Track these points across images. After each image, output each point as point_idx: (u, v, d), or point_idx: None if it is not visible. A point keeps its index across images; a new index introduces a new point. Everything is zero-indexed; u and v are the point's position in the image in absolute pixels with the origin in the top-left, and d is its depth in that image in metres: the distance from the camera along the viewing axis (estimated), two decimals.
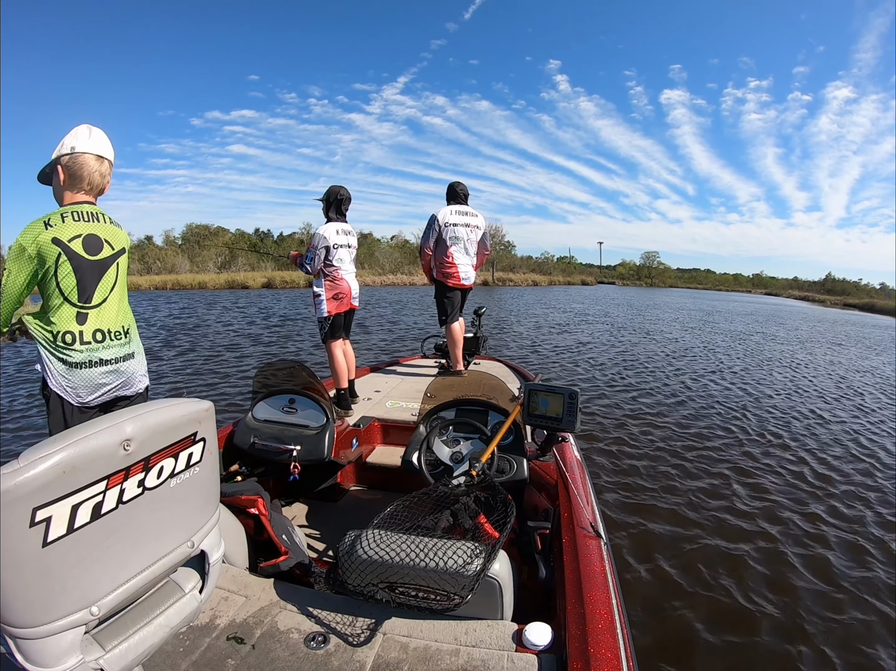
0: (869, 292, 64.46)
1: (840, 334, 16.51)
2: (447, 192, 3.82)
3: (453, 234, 3.66)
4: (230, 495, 1.57)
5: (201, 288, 24.96)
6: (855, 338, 15.32)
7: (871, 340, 15.17)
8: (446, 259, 3.69)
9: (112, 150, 1.80)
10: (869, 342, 14.55)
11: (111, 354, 1.76)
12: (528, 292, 31.52)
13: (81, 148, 1.69)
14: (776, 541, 2.97)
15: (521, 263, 49.71)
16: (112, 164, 1.80)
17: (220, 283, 25.96)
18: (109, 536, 0.78)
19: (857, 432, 5.26)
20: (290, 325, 11.80)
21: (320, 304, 3.14)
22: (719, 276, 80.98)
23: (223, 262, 33.39)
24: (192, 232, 41.14)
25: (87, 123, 1.76)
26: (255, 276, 27.95)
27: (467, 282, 3.79)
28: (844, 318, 26.22)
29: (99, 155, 1.73)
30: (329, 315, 3.13)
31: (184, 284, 25.20)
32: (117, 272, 1.80)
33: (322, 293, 3.13)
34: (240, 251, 35.97)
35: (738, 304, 31.88)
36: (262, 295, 21.55)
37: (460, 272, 3.73)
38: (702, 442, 4.64)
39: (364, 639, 1.16)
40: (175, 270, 30.10)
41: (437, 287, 3.80)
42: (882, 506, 3.50)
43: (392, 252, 39.89)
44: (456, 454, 1.87)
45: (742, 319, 19.46)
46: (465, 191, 3.79)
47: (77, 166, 1.70)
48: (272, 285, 26.18)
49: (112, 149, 1.80)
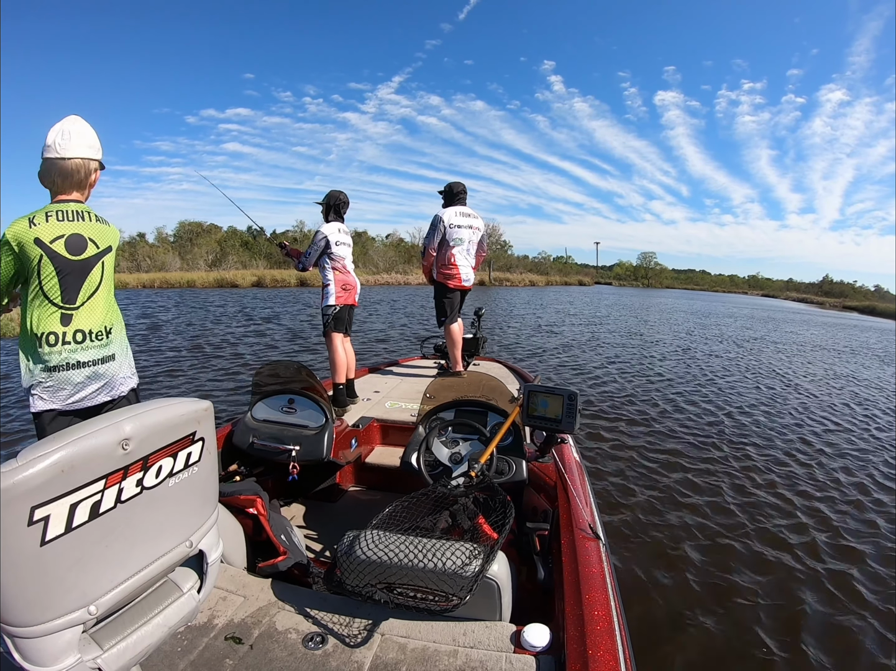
0: (866, 294, 64.79)
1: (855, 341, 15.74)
2: (446, 191, 3.77)
3: (457, 235, 3.67)
4: (229, 495, 1.56)
5: (189, 286, 24.39)
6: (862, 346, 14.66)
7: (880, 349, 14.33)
8: (448, 260, 3.70)
9: (98, 141, 1.77)
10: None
11: (89, 356, 1.72)
12: (527, 292, 31.45)
13: (66, 144, 1.67)
14: (776, 542, 2.97)
15: (517, 263, 49.75)
16: (98, 157, 1.77)
17: (209, 281, 25.35)
18: (107, 535, 0.77)
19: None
20: (276, 326, 11.78)
21: (328, 293, 3.21)
22: (715, 278, 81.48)
23: (213, 260, 32.91)
24: (185, 229, 40.60)
25: (76, 115, 1.73)
26: (244, 274, 27.45)
27: (468, 283, 3.80)
28: (853, 323, 25.76)
29: (84, 156, 1.71)
30: (336, 304, 3.20)
31: (172, 283, 24.38)
32: (102, 271, 1.77)
33: (331, 282, 3.20)
34: (231, 249, 35.35)
35: (745, 307, 31.43)
36: (251, 294, 21.10)
37: (461, 273, 3.73)
38: (704, 443, 4.64)
39: (362, 639, 1.16)
40: (165, 268, 29.44)
41: (438, 288, 3.79)
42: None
43: (386, 251, 39.39)
44: (455, 455, 1.87)
45: (762, 325, 18.54)
46: (465, 191, 3.78)
47: (62, 165, 1.68)
48: (262, 284, 25.62)
49: (98, 140, 1.77)
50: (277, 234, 44.05)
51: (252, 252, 35.93)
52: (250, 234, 42.40)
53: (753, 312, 26.59)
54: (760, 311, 28.17)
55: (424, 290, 26.20)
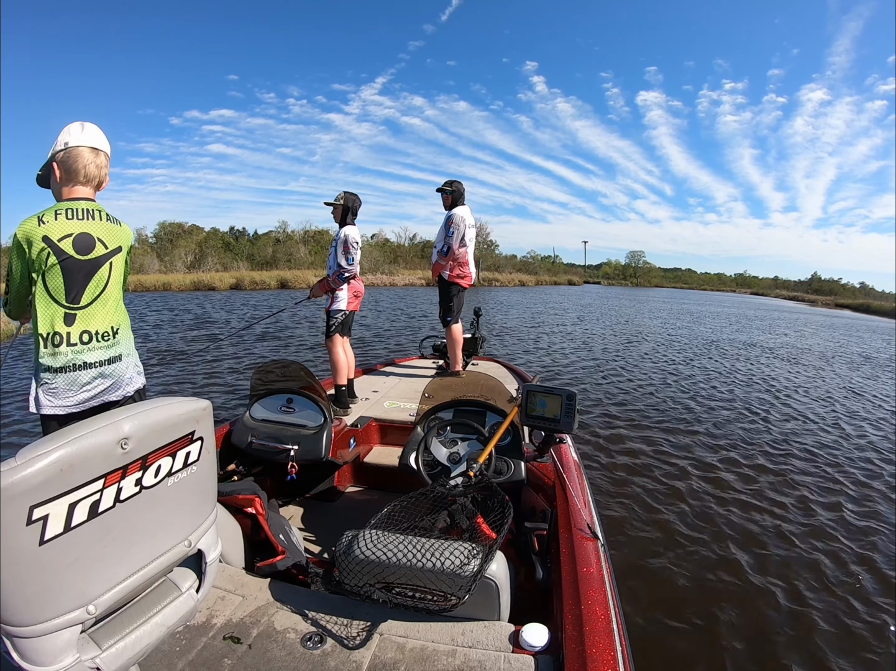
0: (855, 292, 65.23)
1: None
2: (453, 191, 3.75)
3: (470, 235, 3.76)
4: (227, 494, 1.56)
5: (165, 289, 23.14)
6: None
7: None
8: (464, 260, 3.78)
9: (107, 142, 1.76)
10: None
11: (95, 357, 1.71)
12: (517, 293, 31.23)
13: (75, 142, 1.67)
14: (776, 542, 2.98)
15: (505, 263, 49.78)
16: (108, 156, 1.77)
17: (185, 283, 24.18)
18: (106, 535, 0.77)
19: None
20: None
21: (339, 297, 3.19)
22: (703, 276, 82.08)
23: (192, 262, 31.94)
24: (165, 230, 39.81)
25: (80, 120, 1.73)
26: (223, 276, 26.46)
27: (473, 282, 3.94)
28: (864, 324, 25.07)
29: (93, 147, 1.70)
30: (346, 310, 3.20)
31: (147, 286, 23.06)
32: (110, 271, 1.75)
33: (344, 288, 3.19)
34: (210, 250, 33.78)
35: (748, 308, 31.03)
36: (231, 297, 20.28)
37: (472, 272, 3.87)
38: (708, 446, 4.66)
39: (361, 639, 1.16)
40: (144, 270, 28.02)
41: (449, 287, 3.85)
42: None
43: (372, 251, 38.83)
44: (454, 455, 1.87)
45: (783, 329, 17.72)
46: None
47: (71, 160, 1.66)
48: (241, 286, 24.89)
49: (107, 141, 1.76)
50: (259, 236, 42.31)
51: (234, 253, 35.37)
52: (232, 236, 41.95)
53: (760, 313, 26.24)
54: (764, 312, 27.95)
55: (412, 291, 26.22)
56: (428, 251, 45.06)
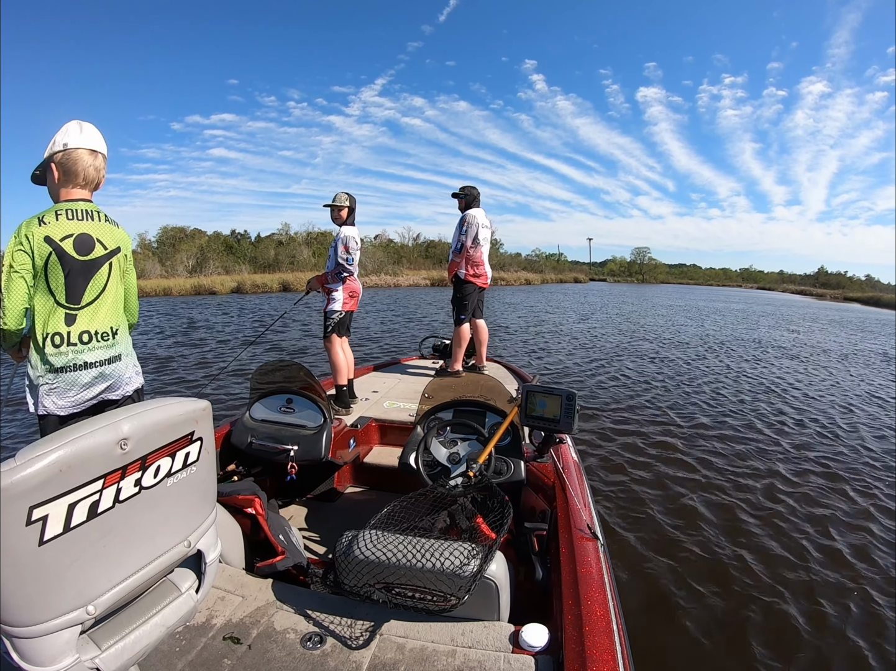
0: (862, 285, 64.96)
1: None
2: (467, 194, 3.92)
3: (484, 236, 3.89)
4: (227, 495, 1.56)
5: (165, 294, 22.61)
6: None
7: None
8: (479, 260, 3.90)
9: (105, 144, 1.77)
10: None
11: (95, 357, 1.72)
12: (524, 291, 31.06)
13: (74, 143, 1.66)
14: (778, 543, 2.98)
15: (511, 261, 49.79)
16: (106, 157, 1.77)
17: (186, 288, 23.80)
18: (106, 535, 0.77)
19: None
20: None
21: (335, 298, 3.20)
22: (709, 272, 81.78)
23: (193, 266, 31.40)
24: (167, 234, 39.82)
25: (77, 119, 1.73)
26: (224, 279, 26.07)
27: (489, 282, 4.08)
28: (873, 317, 24.61)
29: (92, 149, 1.70)
30: (342, 310, 3.21)
31: (147, 291, 22.28)
32: (110, 272, 1.76)
33: (339, 289, 3.21)
34: (212, 253, 33.27)
35: (757, 303, 30.11)
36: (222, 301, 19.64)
37: (487, 273, 4.00)
38: (712, 447, 4.65)
39: (360, 639, 1.16)
40: (145, 275, 27.35)
41: (464, 287, 3.93)
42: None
43: (375, 252, 38.57)
44: (453, 455, 1.87)
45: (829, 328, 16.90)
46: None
47: (71, 162, 1.67)
48: (242, 290, 24.55)
49: (105, 143, 1.77)
50: (262, 239, 42.05)
51: (236, 256, 35.19)
52: (234, 239, 41.82)
53: (771, 309, 25.63)
54: (780, 308, 27.32)
55: (416, 292, 26.10)
56: (432, 251, 45.13)
